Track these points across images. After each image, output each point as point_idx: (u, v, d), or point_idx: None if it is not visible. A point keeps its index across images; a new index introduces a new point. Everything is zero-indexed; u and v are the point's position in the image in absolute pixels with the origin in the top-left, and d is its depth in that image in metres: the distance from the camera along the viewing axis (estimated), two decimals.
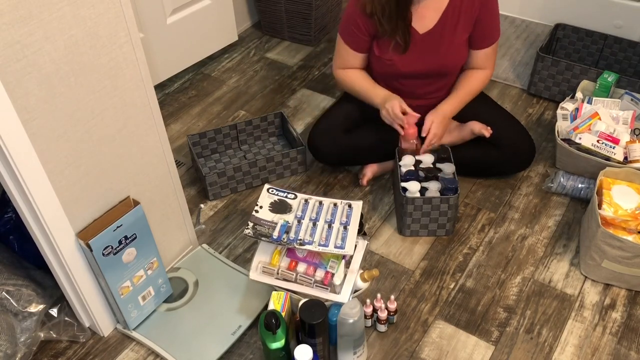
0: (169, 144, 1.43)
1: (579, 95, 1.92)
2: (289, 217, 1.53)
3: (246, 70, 2.46)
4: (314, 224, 1.51)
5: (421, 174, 1.70)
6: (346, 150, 1.83)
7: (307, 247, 1.43)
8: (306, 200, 1.59)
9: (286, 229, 1.49)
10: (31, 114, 1.09)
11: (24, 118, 1.07)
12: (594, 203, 1.55)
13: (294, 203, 1.58)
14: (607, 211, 1.55)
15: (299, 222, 1.52)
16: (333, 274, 1.41)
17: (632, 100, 1.91)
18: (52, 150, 1.15)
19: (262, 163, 1.87)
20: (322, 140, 1.82)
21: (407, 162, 1.72)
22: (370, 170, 1.89)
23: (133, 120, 1.30)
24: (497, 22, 1.72)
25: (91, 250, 1.26)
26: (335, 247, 1.44)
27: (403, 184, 1.65)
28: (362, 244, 1.49)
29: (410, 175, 1.69)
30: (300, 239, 1.46)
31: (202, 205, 1.83)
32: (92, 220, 1.30)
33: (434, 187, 1.67)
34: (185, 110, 2.25)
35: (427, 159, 1.73)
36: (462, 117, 1.82)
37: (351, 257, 1.45)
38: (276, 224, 1.50)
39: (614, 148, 1.71)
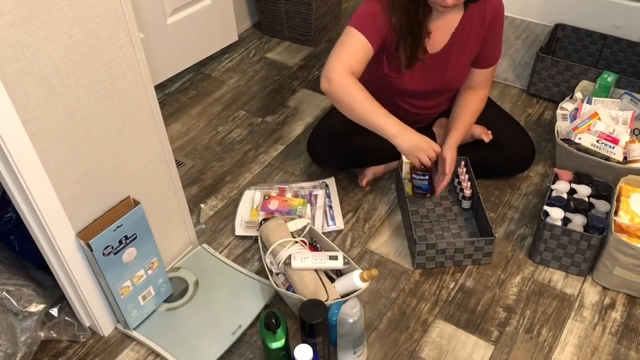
0: (169, 144, 1.43)
1: (577, 95, 1.92)
2: None
3: (246, 70, 2.46)
4: None
5: (571, 204, 1.61)
6: (348, 155, 1.80)
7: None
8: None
9: None
10: (31, 114, 1.09)
11: (24, 118, 1.07)
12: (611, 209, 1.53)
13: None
14: (623, 218, 1.52)
15: None
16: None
17: (631, 100, 1.91)
18: (52, 150, 1.15)
19: None
20: (322, 148, 1.79)
21: (560, 188, 1.64)
22: (371, 172, 1.88)
23: (133, 120, 1.30)
24: (500, 44, 1.72)
25: (91, 250, 1.26)
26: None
27: (546, 208, 1.57)
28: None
29: (558, 202, 1.61)
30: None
31: (202, 205, 1.83)
32: (92, 220, 1.30)
33: (578, 221, 1.57)
34: (185, 110, 2.25)
35: (584, 191, 1.64)
36: None
37: (316, 196, 1.78)
38: None
39: (613, 148, 1.71)
